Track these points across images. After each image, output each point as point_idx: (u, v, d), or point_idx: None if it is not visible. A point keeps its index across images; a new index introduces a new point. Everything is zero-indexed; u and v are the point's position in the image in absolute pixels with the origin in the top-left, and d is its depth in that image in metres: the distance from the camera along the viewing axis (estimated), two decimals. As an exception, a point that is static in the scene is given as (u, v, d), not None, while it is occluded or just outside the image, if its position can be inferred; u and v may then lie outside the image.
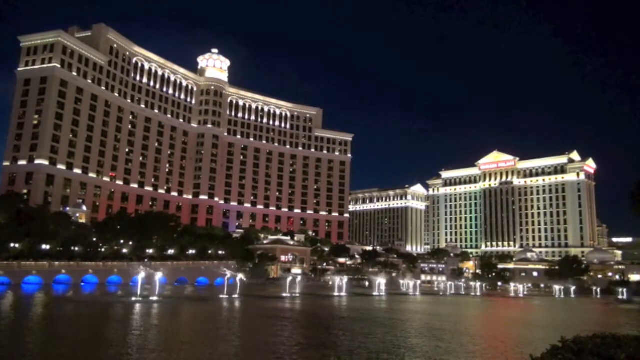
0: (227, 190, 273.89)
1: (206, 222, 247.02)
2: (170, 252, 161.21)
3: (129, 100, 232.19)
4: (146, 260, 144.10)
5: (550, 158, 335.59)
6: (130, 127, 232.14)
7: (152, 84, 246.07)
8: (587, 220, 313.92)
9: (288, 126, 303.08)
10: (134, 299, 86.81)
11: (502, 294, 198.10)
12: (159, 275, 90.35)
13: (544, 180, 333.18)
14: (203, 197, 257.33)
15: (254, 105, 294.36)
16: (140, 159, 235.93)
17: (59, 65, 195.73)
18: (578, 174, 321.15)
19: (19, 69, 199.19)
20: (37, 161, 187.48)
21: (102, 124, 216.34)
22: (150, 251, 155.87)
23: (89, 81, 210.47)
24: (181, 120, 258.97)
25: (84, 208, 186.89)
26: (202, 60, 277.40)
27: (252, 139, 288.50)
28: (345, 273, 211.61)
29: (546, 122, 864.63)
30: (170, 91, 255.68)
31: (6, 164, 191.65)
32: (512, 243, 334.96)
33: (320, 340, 50.76)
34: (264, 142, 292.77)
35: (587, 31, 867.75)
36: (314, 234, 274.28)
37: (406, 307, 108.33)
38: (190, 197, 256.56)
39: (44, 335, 48.71)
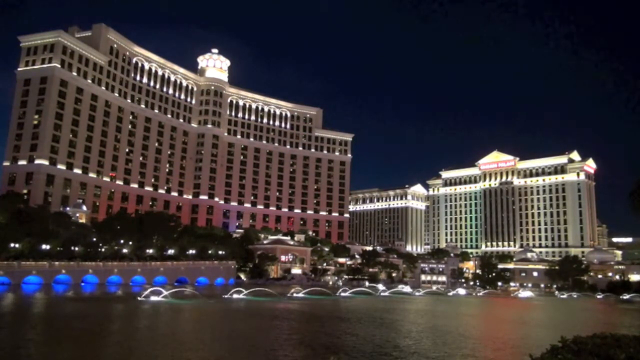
0: (227, 190, 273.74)
1: (206, 222, 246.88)
2: (170, 252, 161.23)
3: (129, 100, 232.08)
4: (146, 260, 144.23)
5: (550, 158, 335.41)
6: (130, 127, 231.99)
7: (152, 84, 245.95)
8: (587, 220, 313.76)
9: (288, 126, 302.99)
10: (138, 298, 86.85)
11: (504, 295, 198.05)
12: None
13: (544, 180, 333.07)
14: (203, 197, 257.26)
15: (254, 105, 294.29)
16: (140, 159, 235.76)
17: (59, 65, 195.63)
18: (578, 174, 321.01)
19: (19, 69, 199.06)
20: (37, 161, 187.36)
21: (102, 124, 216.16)
22: (150, 251, 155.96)
23: (89, 81, 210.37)
24: (181, 120, 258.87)
25: (84, 208, 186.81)
26: (202, 60, 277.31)
27: (252, 139, 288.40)
28: (345, 273, 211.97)
29: (546, 122, 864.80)
30: (170, 91, 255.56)
31: (6, 164, 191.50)
32: (512, 243, 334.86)
33: (326, 342, 50.76)
34: (264, 142, 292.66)
35: (587, 31, 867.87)
36: (314, 234, 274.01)
37: (408, 307, 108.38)
38: (190, 197, 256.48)
39: (44, 336, 48.68)
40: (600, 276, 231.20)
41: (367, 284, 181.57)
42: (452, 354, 44.66)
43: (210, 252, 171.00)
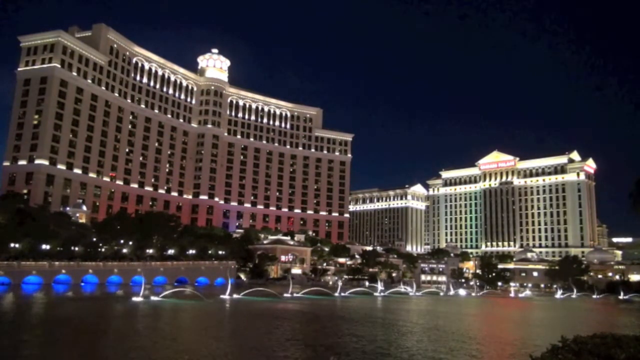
0: (227, 190, 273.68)
1: (206, 222, 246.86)
2: (170, 252, 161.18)
3: (129, 100, 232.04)
4: (146, 260, 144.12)
5: (550, 158, 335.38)
6: (130, 127, 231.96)
7: (152, 84, 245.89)
8: (587, 220, 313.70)
9: (288, 126, 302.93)
10: (134, 299, 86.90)
11: (503, 295, 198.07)
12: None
13: (544, 180, 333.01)
14: (203, 197, 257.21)
15: (254, 105, 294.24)
16: (140, 159, 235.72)
17: (59, 65, 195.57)
18: (578, 174, 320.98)
19: (19, 69, 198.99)
20: (37, 161, 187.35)
21: (102, 124, 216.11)
22: (150, 251, 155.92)
23: (89, 81, 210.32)
24: (181, 120, 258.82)
25: (84, 208, 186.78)
26: (202, 60, 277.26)
27: (252, 139, 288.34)
28: (345, 273, 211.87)
29: (546, 122, 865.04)
30: (170, 91, 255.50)
31: (6, 164, 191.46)
32: (512, 243, 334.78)
33: (324, 342, 50.73)
34: (264, 142, 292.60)
35: (587, 31, 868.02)
36: (314, 234, 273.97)
37: (408, 307, 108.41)
38: (190, 197, 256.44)
39: (41, 338, 48.66)
40: (600, 276, 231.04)
41: (367, 284, 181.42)
42: (455, 354, 44.65)
43: (210, 252, 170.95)
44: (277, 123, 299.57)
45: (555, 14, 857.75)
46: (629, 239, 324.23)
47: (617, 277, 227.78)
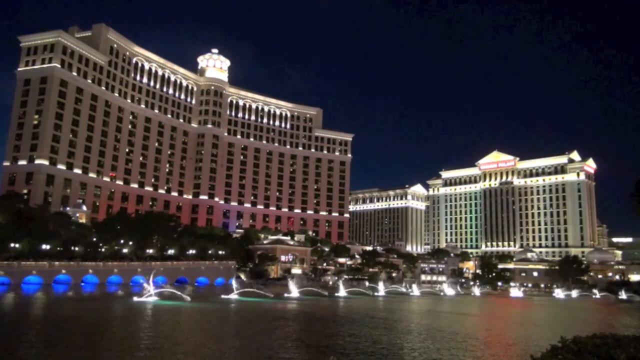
0: (227, 190, 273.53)
1: (206, 222, 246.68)
2: (170, 252, 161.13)
3: (129, 100, 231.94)
4: (146, 260, 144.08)
5: (550, 158, 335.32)
6: (130, 127, 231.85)
7: (152, 84, 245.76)
8: (587, 220, 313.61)
9: (288, 126, 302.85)
10: (135, 298, 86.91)
11: (501, 295, 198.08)
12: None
13: (544, 180, 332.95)
14: (203, 197, 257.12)
15: (254, 105, 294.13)
16: (140, 159, 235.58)
17: (59, 65, 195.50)
18: (578, 174, 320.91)
19: (19, 69, 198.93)
20: (37, 161, 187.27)
21: (102, 124, 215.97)
22: (150, 251, 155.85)
23: (89, 81, 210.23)
24: (181, 120, 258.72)
25: (84, 208, 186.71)
26: (202, 60, 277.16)
27: (252, 139, 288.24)
28: (345, 273, 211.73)
29: (546, 122, 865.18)
30: (170, 91, 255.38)
31: (6, 164, 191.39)
32: (512, 243, 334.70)
33: (326, 343, 50.75)
34: (264, 142, 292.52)
35: (587, 30, 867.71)
36: (314, 234, 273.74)
37: (408, 307, 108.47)
38: (190, 197, 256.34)
39: (40, 338, 48.66)
40: (600, 276, 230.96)
41: (367, 284, 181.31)
42: (458, 355, 44.62)
43: (210, 252, 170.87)
44: (277, 123, 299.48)
45: (556, 14, 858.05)
46: (629, 239, 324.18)
47: (617, 277, 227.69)
